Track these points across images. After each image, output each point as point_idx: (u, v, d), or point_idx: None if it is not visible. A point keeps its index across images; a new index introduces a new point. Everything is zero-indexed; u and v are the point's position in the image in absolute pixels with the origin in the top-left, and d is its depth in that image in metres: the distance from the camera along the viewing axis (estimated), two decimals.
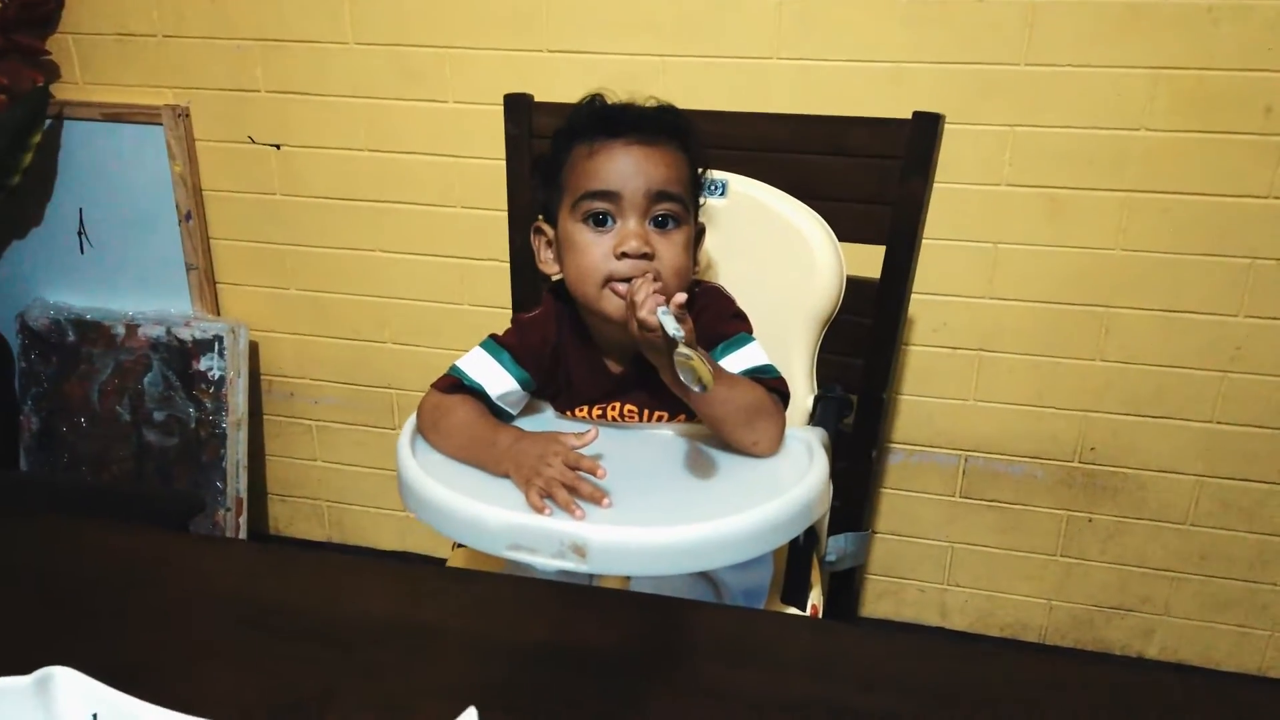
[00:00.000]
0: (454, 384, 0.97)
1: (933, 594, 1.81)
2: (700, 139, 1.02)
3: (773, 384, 0.94)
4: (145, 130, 1.81)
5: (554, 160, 1.00)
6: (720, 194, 1.14)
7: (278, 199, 1.84)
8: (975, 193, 1.54)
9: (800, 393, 1.11)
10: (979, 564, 1.77)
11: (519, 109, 1.26)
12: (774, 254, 1.14)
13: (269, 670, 0.64)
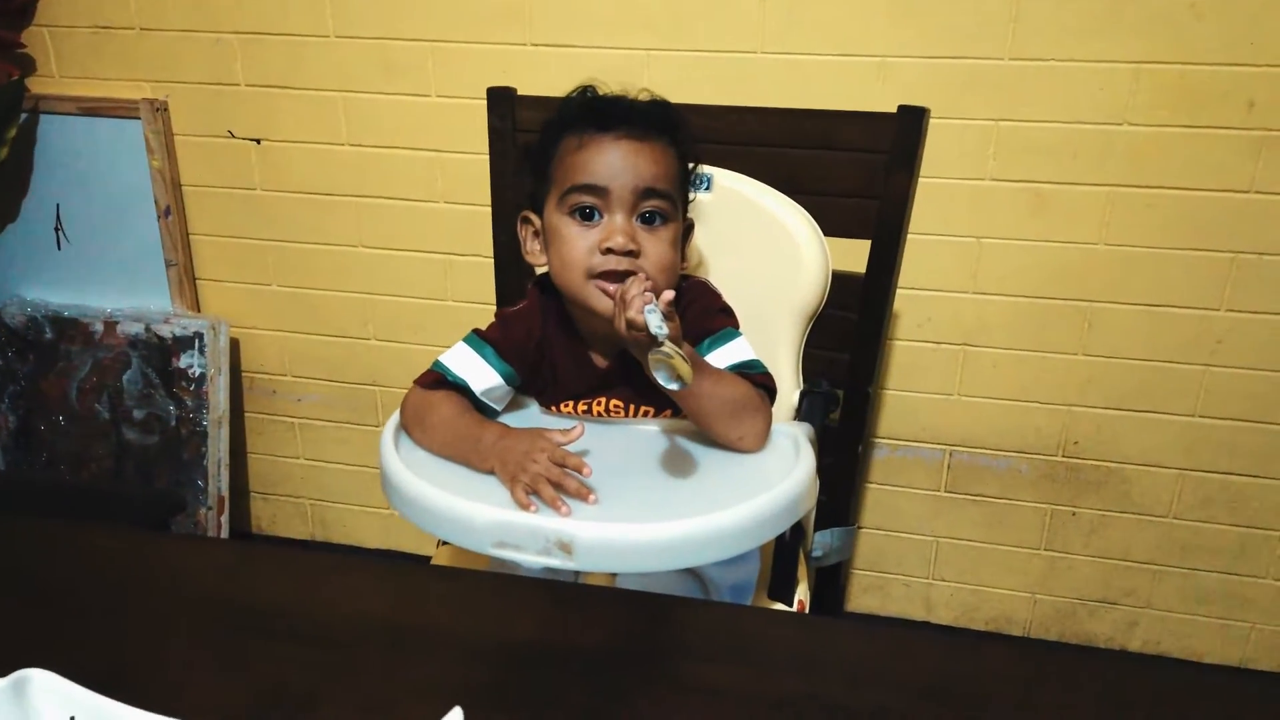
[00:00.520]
0: (437, 380, 0.97)
1: (918, 588, 1.82)
2: (691, 135, 1.01)
3: (759, 379, 0.94)
4: (123, 124, 1.79)
5: (543, 151, 0.99)
6: (705, 189, 1.14)
7: (258, 194, 1.82)
8: (960, 187, 1.54)
9: (786, 388, 1.11)
10: (964, 558, 1.77)
11: (502, 102, 1.25)
12: (759, 249, 1.13)
13: (251, 671, 0.63)
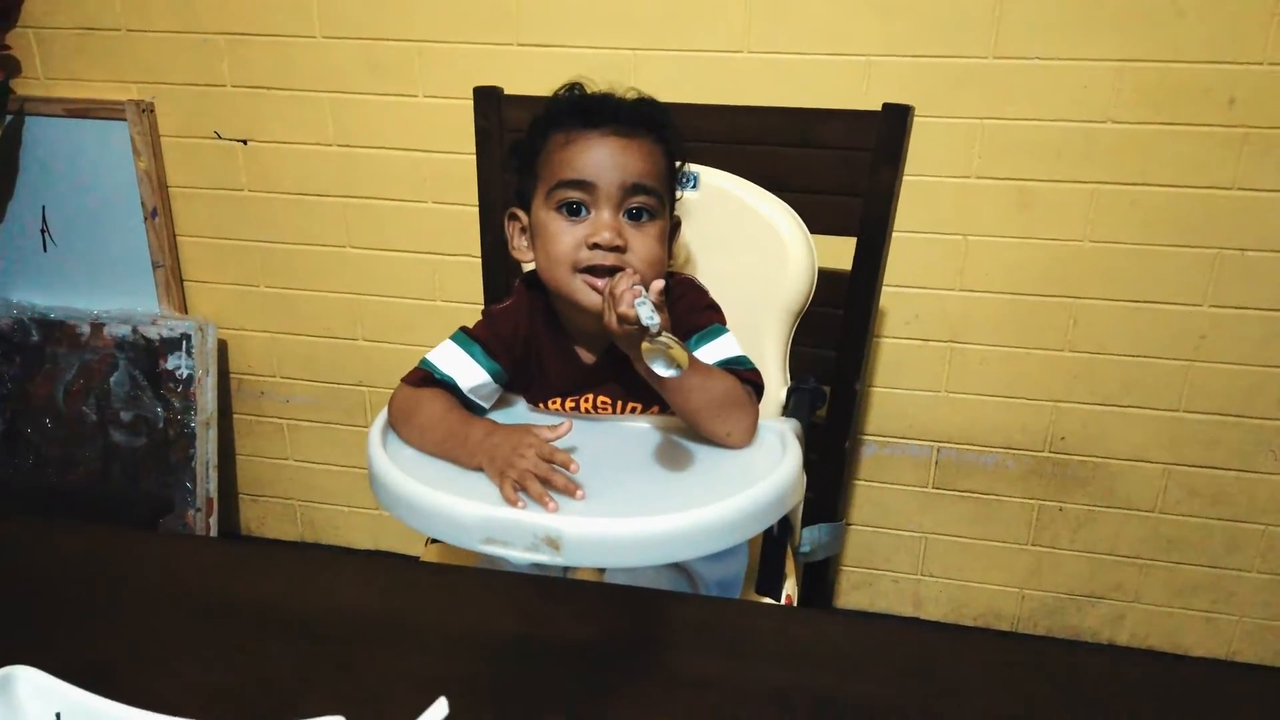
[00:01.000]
0: (425, 377, 0.97)
1: (907, 584, 1.82)
2: (678, 132, 1.02)
3: (746, 375, 0.94)
4: (109, 126, 1.78)
5: (530, 147, 1.00)
6: (692, 187, 1.14)
7: (245, 195, 1.82)
8: (946, 185, 1.55)
9: (774, 384, 1.11)
10: (952, 554, 1.78)
11: (489, 102, 1.25)
12: (746, 246, 1.14)
13: (238, 666, 0.63)
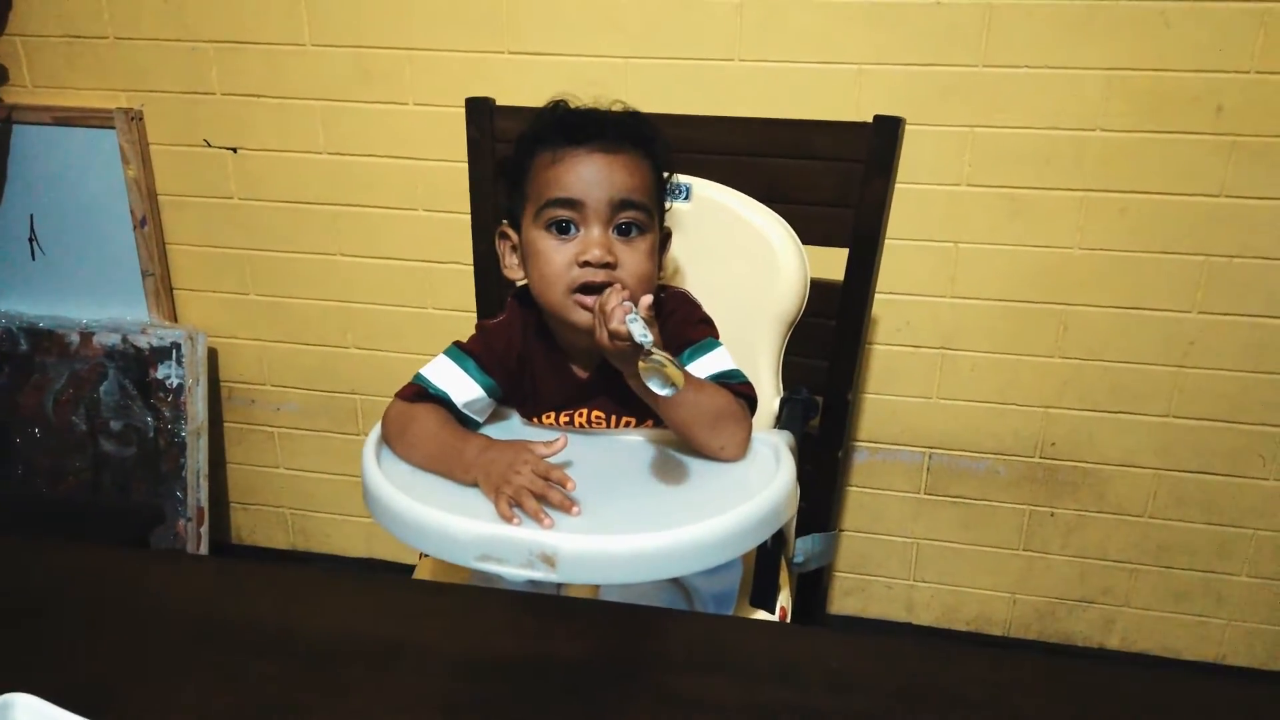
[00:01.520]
0: (419, 392, 0.97)
1: (899, 590, 1.83)
2: (666, 144, 1.02)
3: (739, 389, 0.94)
4: (97, 134, 1.77)
5: (517, 166, 1.00)
6: (684, 198, 1.15)
7: (235, 203, 1.81)
8: (937, 193, 1.55)
9: (766, 395, 1.11)
10: (944, 559, 1.79)
11: (481, 113, 1.25)
12: (738, 258, 1.14)
13: (234, 689, 0.63)
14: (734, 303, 1.09)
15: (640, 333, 0.80)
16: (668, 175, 1.04)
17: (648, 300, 0.85)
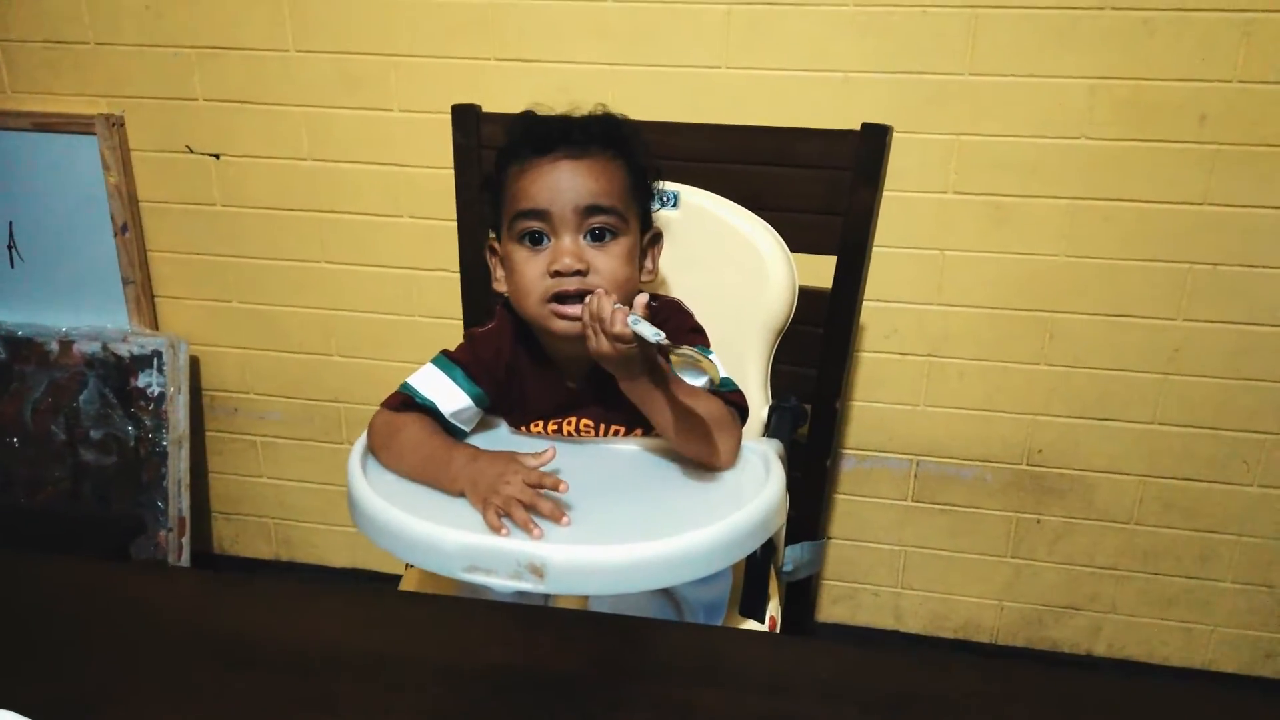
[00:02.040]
0: (405, 401, 0.96)
1: (887, 598, 1.83)
2: (641, 143, 1.01)
3: (730, 397, 0.94)
4: (78, 140, 1.75)
5: (495, 180, 1.00)
6: (673, 205, 1.14)
7: (217, 210, 1.79)
8: (923, 201, 1.56)
9: (755, 403, 1.11)
10: (932, 567, 1.78)
11: (467, 119, 1.24)
12: (727, 266, 1.14)
13: (221, 703, 0.62)
14: (723, 310, 1.09)
15: (651, 332, 0.80)
16: (650, 174, 1.02)
17: (643, 300, 0.85)
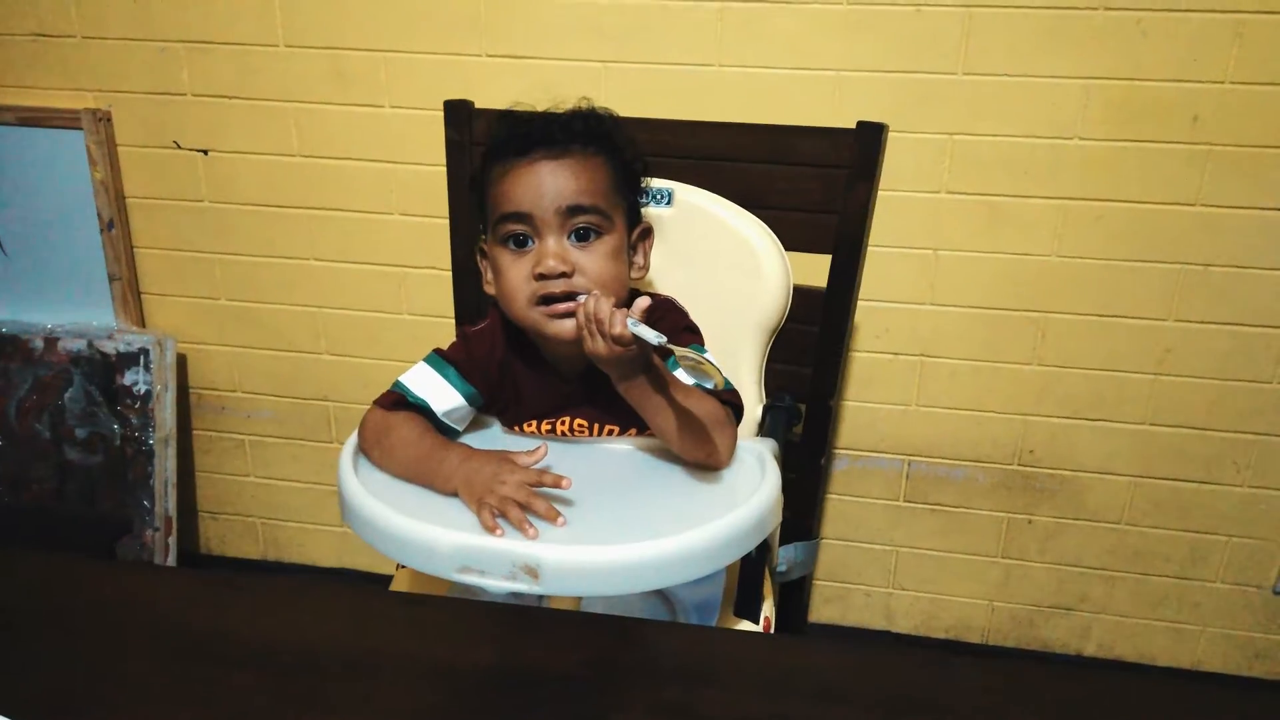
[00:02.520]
0: (398, 400, 0.95)
1: (878, 598, 1.83)
2: (625, 137, 0.99)
3: (725, 396, 0.93)
4: (64, 135, 1.73)
5: (480, 182, 0.99)
6: (666, 203, 1.13)
7: (205, 206, 1.78)
8: (916, 200, 1.55)
9: (749, 402, 1.10)
10: (923, 567, 1.78)
11: (460, 116, 1.23)
12: (721, 263, 1.13)
13: (209, 701, 0.61)
14: (717, 309, 1.08)
15: (654, 335, 0.79)
16: (636, 166, 1.01)
17: (644, 303, 0.84)
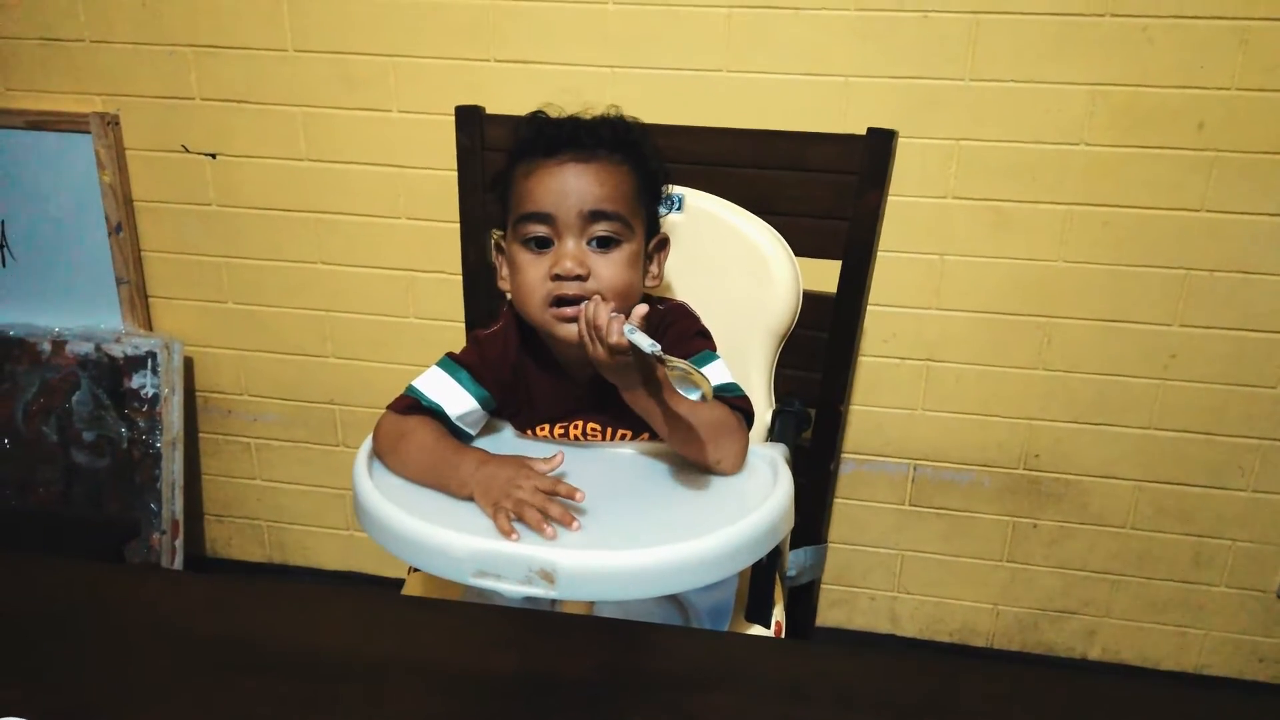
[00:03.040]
0: (411, 405, 0.95)
1: (883, 602, 1.83)
2: (651, 147, 1.00)
3: (736, 402, 0.94)
4: (72, 139, 1.74)
5: (503, 179, 0.99)
6: (677, 209, 1.14)
7: (213, 209, 1.78)
8: (922, 205, 1.56)
9: (759, 407, 1.11)
10: (928, 571, 1.79)
11: (471, 121, 1.24)
12: (731, 269, 1.13)
13: (224, 708, 0.61)
14: (727, 314, 1.09)
15: (648, 344, 0.79)
16: (660, 176, 1.02)
17: (642, 310, 0.84)
